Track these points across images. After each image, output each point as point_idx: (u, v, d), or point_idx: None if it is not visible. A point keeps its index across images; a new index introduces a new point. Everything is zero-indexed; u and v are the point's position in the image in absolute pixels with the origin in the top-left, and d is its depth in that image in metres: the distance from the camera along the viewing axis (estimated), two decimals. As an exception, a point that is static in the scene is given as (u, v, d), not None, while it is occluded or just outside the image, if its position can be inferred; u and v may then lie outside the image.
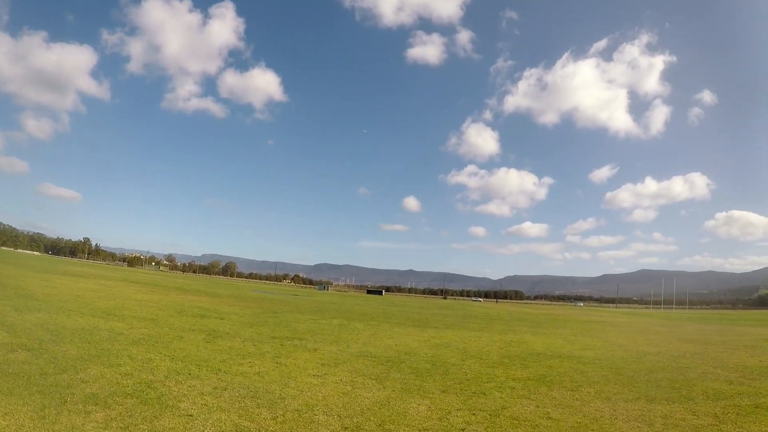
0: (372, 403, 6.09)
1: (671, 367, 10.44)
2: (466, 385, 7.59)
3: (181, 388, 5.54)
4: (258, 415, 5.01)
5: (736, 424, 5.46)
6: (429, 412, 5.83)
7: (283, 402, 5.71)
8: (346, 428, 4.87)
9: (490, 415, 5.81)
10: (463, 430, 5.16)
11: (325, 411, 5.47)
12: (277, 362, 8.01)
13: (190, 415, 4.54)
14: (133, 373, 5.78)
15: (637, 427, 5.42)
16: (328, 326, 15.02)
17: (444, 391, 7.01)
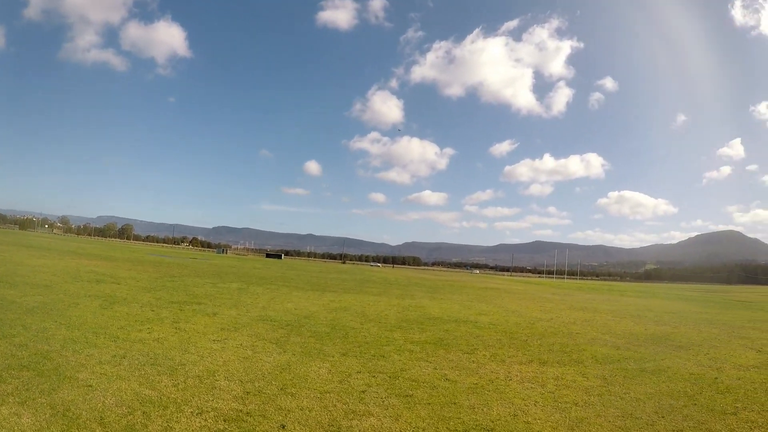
0: (273, 367, 13.29)
1: (562, 332, 25.65)
2: (365, 348, 17.11)
3: (78, 357, 12.13)
4: (159, 382, 10.85)
5: (623, 386, 13.84)
6: (330, 375, 12.95)
7: (184, 368, 12.22)
8: (247, 393, 10.81)
9: (389, 377, 13.26)
10: (363, 392, 11.67)
11: (226, 376, 11.90)
12: (176, 328, 17.59)
13: (90, 386, 10.08)
14: (28, 343, 12.90)
15: (531, 387, 13.32)
16: (227, 290, 33.49)
17: (344, 355, 15.64)
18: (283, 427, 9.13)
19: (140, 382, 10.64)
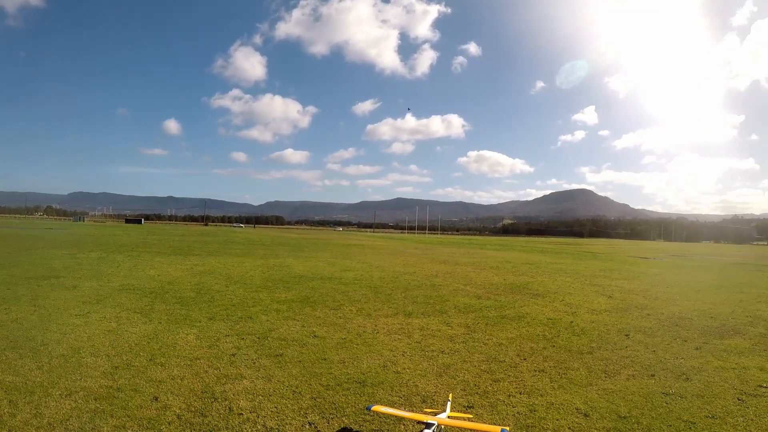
0: (139, 337, 13.48)
1: (426, 285, 27.11)
2: (232, 310, 17.88)
3: (-74, 351, 12.22)
4: (22, 366, 10.55)
5: (485, 332, 15.85)
6: (198, 341, 13.44)
7: (47, 348, 12.00)
8: (116, 368, 10.79)
9: (258, 338, 14.11)
10: (233, 355, 12.26)
11: (92, 352, 11.84)
12: (34, 305, 17.20)
13: (-54, 378, 10.12)
14: None
15: (398, 338, 14.78)
16: (86, 261, 34.35)
17: (211, 319, 16.38)
18: (156, 398, 9.02)
19: (1, 368, 10.20)
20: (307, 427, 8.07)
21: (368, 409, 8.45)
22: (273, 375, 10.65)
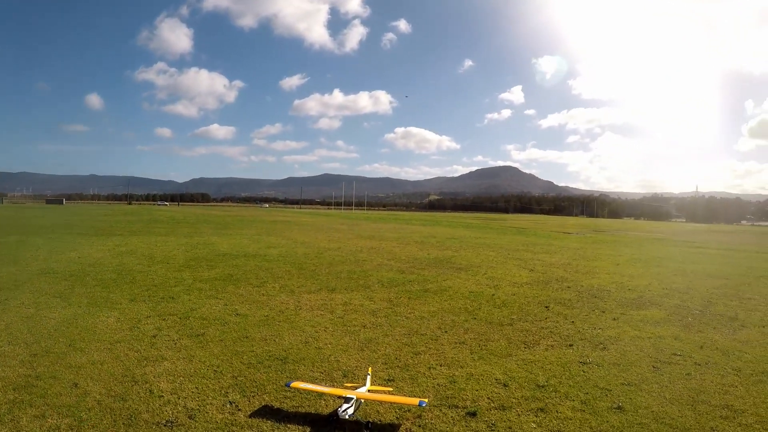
0: (59, 322, 13.20)
1: (350, 260, 27.12)
2: (154, 291, 17.75)
3: None
4: None
5: (407, 306, 16.15)
6: (119, 324, 13.29)
7: None
8: (35, 355, 10.53)
9: (180, 318, 14.11)
10: (154, 336, 12.23)
11: (9, 340, 11.52)
12: None
13: None
14: None
15: (320, 314, 15.10)
16: (4, 245, 32.69)
17: (132, 300, 16.26)
18: (76, 385, 8.83)
19: None
20: (228, 406, 7.98)
21: (287, 385, 8.37)
22: (194, 355, 10.60)
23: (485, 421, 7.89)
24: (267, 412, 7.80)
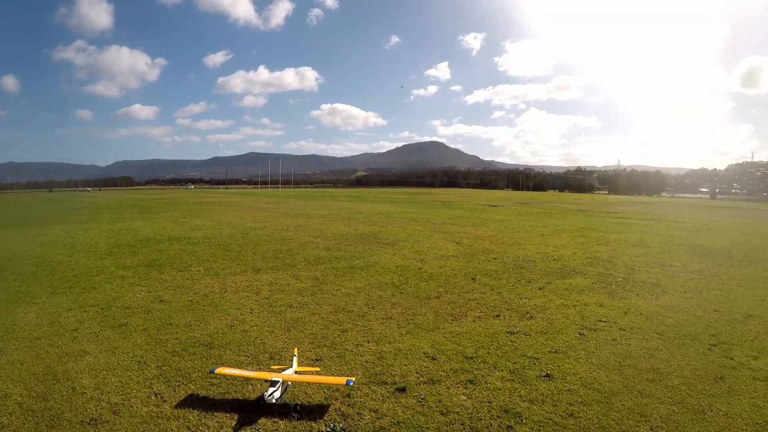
0: None
1: (276, 239, 26.73)
2: (75, 282, 16.99)
3: None
4: None
5: (334, 283, 16.19)
6: (38, 319, 12.62)
7: None
8: None
9: (102, 308, 13.50)
10: (75, 330, 11.67)
11: None
12: None
13: None
14: None
15: (246, 296, 14.90)
16: None
17: (52, 293, 15.39)
18: None
19: None
20: (153, 398, 7.66)
21: (212, 372, 8.10)
22: (117, 347, 10.20)
23: (415, 396, 7.85)
24: (193, 402, 7.55)
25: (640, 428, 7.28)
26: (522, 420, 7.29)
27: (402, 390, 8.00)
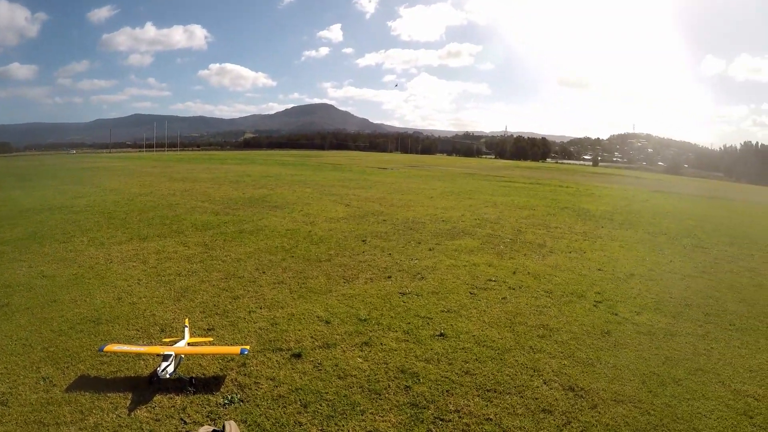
0: None
1: (162, 205, 23.53)
2: None
3: None
4: None
5: (223, 249, 15.30)
6: None
7: None
8: None
9: None
10: None
11: None
12: None
13: None
14: None
15: (133, 266, 13.61)
16: None
17: None
18: None
19: None
20: (42, 383, 7.02)
21: (101, 350, 7.51)
22: None
23: (311, 361, 7.76)
24: (84, 383, 7.02)
25: (533, 382, 7.46)
26: (419, 379, 7.33)
27: (298, 356, 7.87)
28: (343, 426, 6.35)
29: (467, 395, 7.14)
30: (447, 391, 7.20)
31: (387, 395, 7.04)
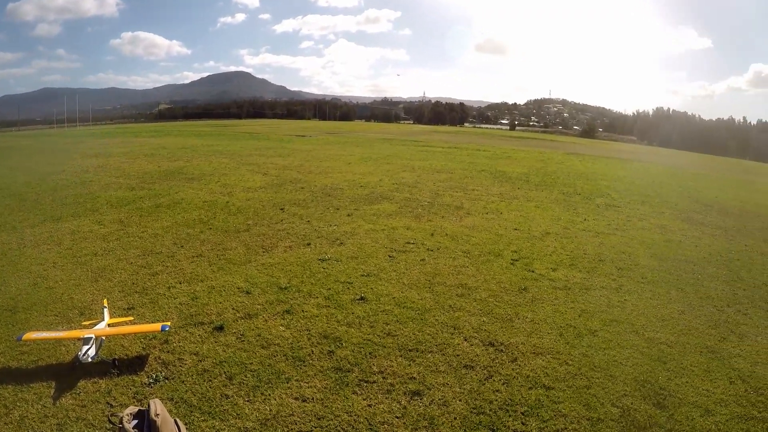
0: None
1: (75, 183, 24.11)
2: None
3: None
4: None
5: (139, 225, 14.67)
6: None
7: None
8: None
9: None
10: None
11: None
12: None
13: None
14: None
15: (47, 249, 12.55)
16: None
17: None
18: None
19: None
20: None
21: (19, 339, 7.12)
22: None
23: (234, 332, 7.69)
24: (5, 376, 6.62)
25: (454, 339, 7.64)
26: (342, 344, 7.40)
27: (220, 328, 7.77)
28: (270, 395, 6.32)
29: (390, 356, 7.23)
30: (370, 353, 7.27)
31: (311, 361, 7.05)
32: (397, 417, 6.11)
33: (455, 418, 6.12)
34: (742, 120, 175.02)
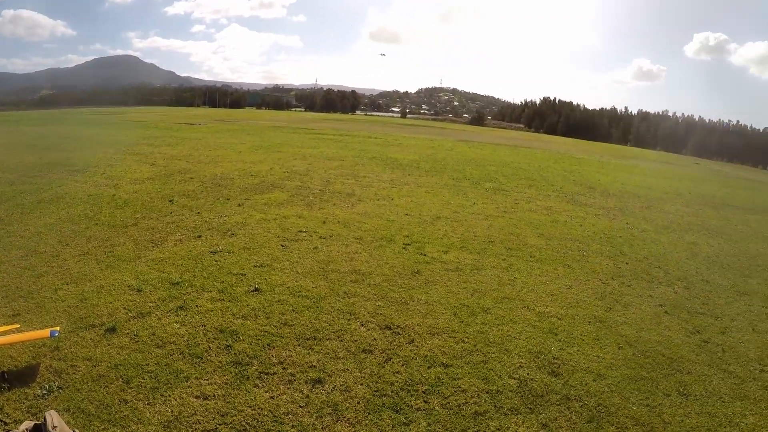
0: None
1: None
2: None
3: None
4: None
5: (20, 223, 13.45)
6: None
7: None
8: None
9: None
10: None
11: None
12: None
13: None
14: None
15: None
16: None
17: None
18: None
19: None
20: None
21: None
22: None
23: (127, 333, 7.39)
24: None
25: (351, 325, 7.79)
26: (239, 337, 7.34)
27: (112, 330, 7.43)
28: (170, 396, 6.14)
29: (288, 346, 7.24)
30: (268, 344, 7.25)
31: (209, 357, 6.94)
32: (300, 406, 6.11)
33: (358, 403, 6.20)
34: (624, 109, 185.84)
